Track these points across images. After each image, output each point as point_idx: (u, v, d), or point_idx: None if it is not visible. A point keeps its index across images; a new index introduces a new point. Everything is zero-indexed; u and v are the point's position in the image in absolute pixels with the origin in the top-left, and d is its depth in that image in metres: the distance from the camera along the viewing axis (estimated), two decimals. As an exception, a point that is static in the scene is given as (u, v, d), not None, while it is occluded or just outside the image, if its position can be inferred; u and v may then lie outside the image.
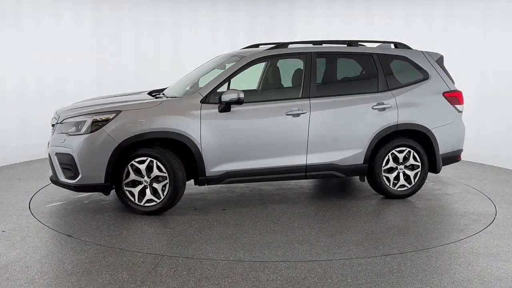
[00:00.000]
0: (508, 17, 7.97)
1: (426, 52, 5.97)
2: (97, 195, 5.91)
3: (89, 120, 5.03)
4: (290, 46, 5.71)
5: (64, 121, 5.21)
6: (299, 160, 5.42)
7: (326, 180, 6.75)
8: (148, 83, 8.52)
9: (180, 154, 5.21)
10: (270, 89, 6.40)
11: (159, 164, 5.05)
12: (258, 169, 5.34)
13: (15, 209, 5.37)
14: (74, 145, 5.01)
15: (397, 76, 5.75)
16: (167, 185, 5.09)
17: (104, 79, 9.19)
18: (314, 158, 5.46)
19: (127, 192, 5.10)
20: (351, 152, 5.54)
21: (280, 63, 6.21)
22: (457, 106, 5.87)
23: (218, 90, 5.31)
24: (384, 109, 5.58)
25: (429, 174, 6.53)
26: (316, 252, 4.15)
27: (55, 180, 5.33)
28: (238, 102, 5.10)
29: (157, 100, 5.32)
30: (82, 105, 5.60)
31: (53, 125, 5.46)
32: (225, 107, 5.16)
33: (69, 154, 5.03)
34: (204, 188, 6.33)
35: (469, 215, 5.26)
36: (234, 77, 5.43)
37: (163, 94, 5.84)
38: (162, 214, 5.19)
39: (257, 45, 6.33)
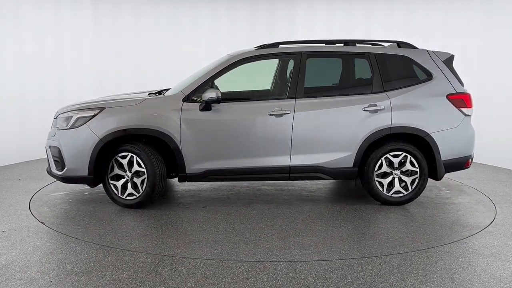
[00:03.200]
0: (508, 17, 7.97)
1: (433, 51, 5.63)
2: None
3: (75, 115, 5.36)
4: (295, 45, 5.66)
5: (58, 116, 5.56)
6: (282, 161, 5.35)
7: (337, 183, 6.63)
8: (148, 83, 8.53)
9: (164, 151, 5.39)
10: (264, 89, 6.41)
11: (138, 159, 5.25)
12: (240, 168, 5.35)
13: (15, 209, 5.38)
14: (61, 139, 5.38)
15: (395, 77, 5.49)
16: (146, 180, 5.26)
17: (104, 79, 9.20)
18: (298, 160, 5.36)
19: (111, 185, 5.37)
20: (338, 154, 5.36)
21: (289, 64, 6.19)
22: (464, 109, 5.45)
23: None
24: (376, 111, 5.33)
25: (449, 181, 6.48)
26: (254, 253, 4.12)
27: (49, 172, 5.67)
28: (217, 101, 5.22)
29: (141, 98, 5.52)
30: (80, 103, 5.82)
31: None
32: (206, 106, 5.25)
33: (57, 147, 5.40)
34: (206, 185, 6.44)
35: (454, 226, 4.89)
36: (227, 76, 5.46)
37: (158, 93, 5.93)
38: (141, 207, 5.39)
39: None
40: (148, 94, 5.86)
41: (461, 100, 5.47)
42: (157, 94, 5.87)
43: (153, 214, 5.21)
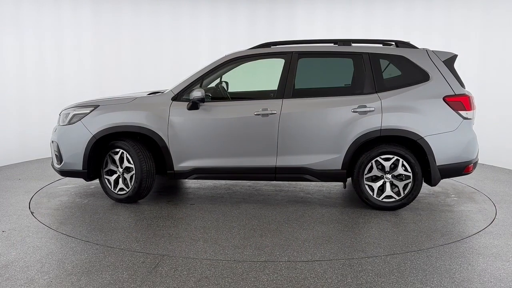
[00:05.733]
0: (508, 17, 7.97)
1: (433, 51, 5.37)
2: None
3: (71, 112, 5.63)
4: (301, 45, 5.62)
5: (61, 113, 5.82)
6: (268, 161, 5.31)
7: (341, 186, 6.52)
8: (148, 83, 8.54)
9: (155, 148, 5.54)
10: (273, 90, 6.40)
11: (128, 156, 5.43)
12: (226, 168, 5.38)
13: (15, 209, 5.38)
14: (60, 134, 5.67)
15: (388, 77, 5.29)
16: (133, 176, 5.43)
17: (104, 79, 9.20)
18: (285, 160, 5.29)
19: (106, 180, 5.60)
20: (326, 156, 5.24)
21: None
22: (462, 112, 5.15)
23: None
24: (365, 112, 5.16)
25: (465, 187, 6.34)
26: (205, 251, 4.13)
27: (52, 165, 5.94)
28: (202, 100, 5.31)
29: (133, 96, 5.69)
30: (84, 101, 6.03)
31: None
32: (193, 105, 5.32)
33: (56, 142, 5.69)
34: (209, 183, 6.56)
35: (433, 233, 4.59)
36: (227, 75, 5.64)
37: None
38: (130, 202, 5.59)
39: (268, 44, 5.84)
40: (148, 94, 5.89)
41: (459, 102, 5.17)
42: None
43: (134, 210, 5.39)
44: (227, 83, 6.21)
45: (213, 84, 6.02)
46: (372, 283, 3.57)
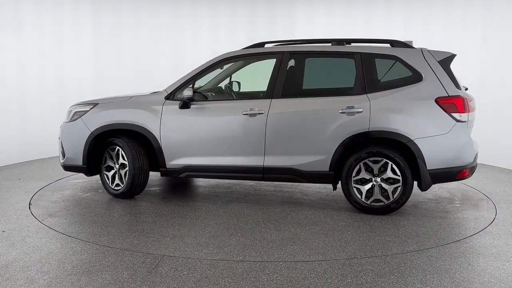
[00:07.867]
0: (508, 17, 7.97)
1: (429, 51, 5.15)
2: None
3: (73, 110, 5.88)
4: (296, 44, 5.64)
5: (67, 110, 6.04)
6: (256, 161, 5.31)
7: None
8: (148, 83, 8.53)
9: (149, 146, 5.64)
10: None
11: (122, 152, 5.56)
12: (214, 166, 5.44)
13: (15, 209, 5.38)
14: (63, 130, 5.94)
15: (379, 78, 5.12)
16: (127, 172, 5.58)
17: (104, 79, 9.20)
18: (272, 161, 5.26)
19: (105, 176, 5.79)
20: (313, 157, 5.15)
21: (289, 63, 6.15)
22: (455, 114, 4.90)
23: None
24: (353, 113, 5.02)
25: (475, 194, 6.20)
26: (166, 247, 4.20)
27: (59, 160, 6.13)
28: (191, 99, 5.38)
29: (130, 95, 5.86)
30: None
31: None
32: (184, 104, 5.40)
33: (60, 138, 5.95)
34: (213, 182, 6.64)
35: (408, 238, 4.42)
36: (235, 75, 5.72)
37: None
38: (125, 198, 5.74)
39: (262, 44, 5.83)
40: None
41: (452, 104, 4.91)
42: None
43: (125, 205, 5.54)
44: (239, 83, 6.22)
45: (222, 84, 6.07)
46: (372, 283, 3.57)
